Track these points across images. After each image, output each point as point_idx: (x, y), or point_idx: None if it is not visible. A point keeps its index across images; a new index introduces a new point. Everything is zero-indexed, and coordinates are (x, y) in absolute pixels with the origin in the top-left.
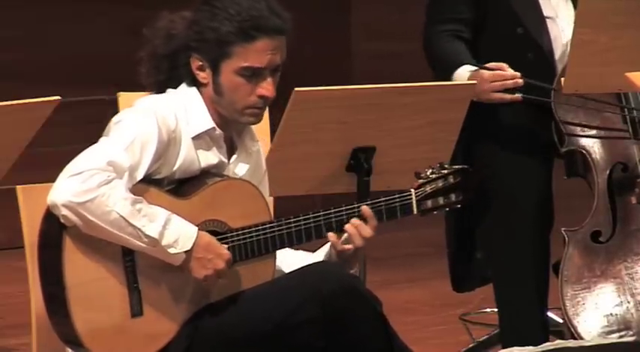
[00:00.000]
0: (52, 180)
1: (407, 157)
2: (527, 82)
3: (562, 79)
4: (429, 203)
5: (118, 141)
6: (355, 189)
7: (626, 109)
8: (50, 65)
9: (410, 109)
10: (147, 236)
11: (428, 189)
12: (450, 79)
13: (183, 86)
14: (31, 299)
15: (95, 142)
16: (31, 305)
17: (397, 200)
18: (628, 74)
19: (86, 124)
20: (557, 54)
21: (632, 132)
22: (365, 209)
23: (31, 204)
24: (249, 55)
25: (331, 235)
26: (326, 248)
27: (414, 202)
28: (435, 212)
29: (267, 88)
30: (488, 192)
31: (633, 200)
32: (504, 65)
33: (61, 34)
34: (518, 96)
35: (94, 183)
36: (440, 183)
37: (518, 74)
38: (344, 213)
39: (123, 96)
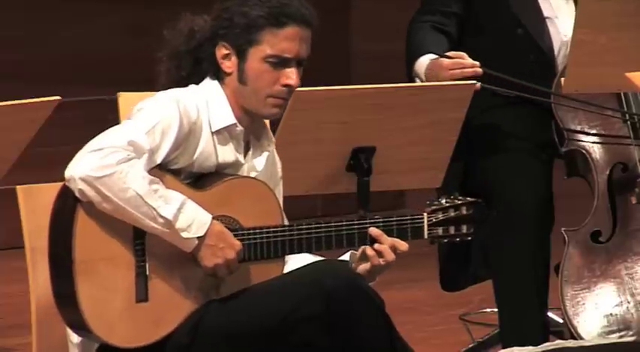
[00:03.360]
0: (52, 180)
1: (407, 157)
2: (486, 71)
3: (562, 78)
4: (440, 230)
5: (139, 124)
6: (355, 189)
7: (626, 114)
8: (50, 65)
9: (410, 109)
10: (161, 216)
11: (440, 215)
12: (412, 68)
13: (206, 80)
14: (31, 299)
15: None
16: (31, 305)
17: (408, 221)
18: (628, 74)
19: (86, 124)
20: (558, 54)
21: (631, 133)
22: (372, 230)
23: (31, 204)
24: (278, 42)
25: (369, 249)
26: (346, 256)
27: (425, 226)
28: (445, 240)
29: (292, 76)
30: (488, 192)
31: (633, 200)
32: (464, 54)
33: (61, 34)
34: (476, 85)
35: (114, 159)
36: (452, 213)
37: (477, 63)
38: (355, 227)
39: (123, 97)
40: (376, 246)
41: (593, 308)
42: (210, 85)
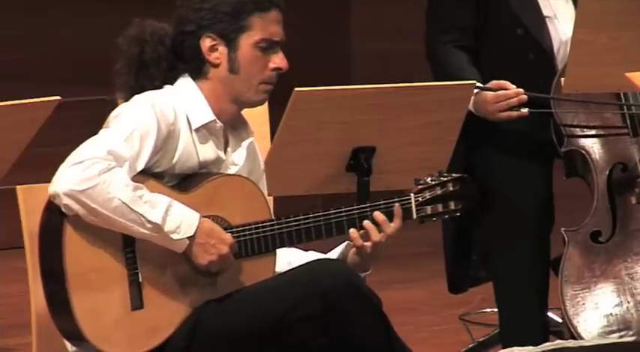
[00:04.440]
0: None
1: (407, 157)
2: (530, 95)
3: (562, 78)
4: (428, 209)
5: (117, 132)
6: (355, 189)
7: (624, 106)
8: (50, 65)
9: (410, 109)
10: (149, 222)
11: (427, 194)
12: None
13: (180, 80)
14: (31, 299)
15: None
16: (31, 305)
17: (396, 204)
18: (628, 74)
19: (86, 124)
20: (558, 53)
21: (631, 131)
22: (377, 214)
23: (31, 204)
24: (267, 26)
25: (353, 231)
26: (339, 249)
27: (414, 207)
28: (434, 219)
29: (281, 60)
30: (487, 193)
31: (633, 200)
32: (506, 83)
33: (61, 34)
34: (525, 111)
35: (95, 171)
36: (438, 190)
37: (521, 90)
38: (343, 215)
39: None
40: (365, 222)
41: (593, 308)
42: (184, 83)
